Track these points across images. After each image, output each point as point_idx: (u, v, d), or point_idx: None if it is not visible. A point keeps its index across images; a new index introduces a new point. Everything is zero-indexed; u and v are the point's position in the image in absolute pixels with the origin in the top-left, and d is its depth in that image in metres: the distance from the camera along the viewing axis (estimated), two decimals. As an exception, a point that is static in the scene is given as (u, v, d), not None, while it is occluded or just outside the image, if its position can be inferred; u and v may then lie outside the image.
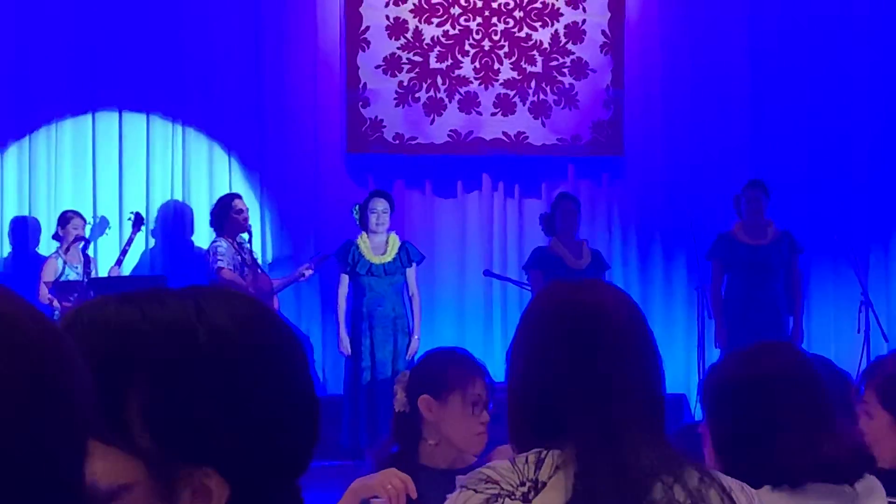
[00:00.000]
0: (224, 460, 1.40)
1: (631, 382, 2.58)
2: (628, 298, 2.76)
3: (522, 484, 2.48)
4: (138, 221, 12.02)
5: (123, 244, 12.04)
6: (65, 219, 11.80)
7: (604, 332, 2.61)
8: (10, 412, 1.13)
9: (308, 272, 11.72)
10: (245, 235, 11.49)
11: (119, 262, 11.85)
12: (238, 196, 11.82)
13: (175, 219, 12.63)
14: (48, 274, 11.67)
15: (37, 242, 12.35)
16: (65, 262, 11.68)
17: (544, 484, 2.47)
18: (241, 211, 11.51)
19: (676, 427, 6.37)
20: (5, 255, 12.46)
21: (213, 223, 11.62)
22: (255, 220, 12.02)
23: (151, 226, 12.46)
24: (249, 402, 1.42)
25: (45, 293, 11.56)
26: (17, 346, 1.16)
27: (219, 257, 11.47)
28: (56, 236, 11.84)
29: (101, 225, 12.39)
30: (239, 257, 11.44)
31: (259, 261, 11.77)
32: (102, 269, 11.92)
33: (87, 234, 11.95)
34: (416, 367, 4.68)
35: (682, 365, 11.72)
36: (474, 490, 2.51)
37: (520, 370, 2.68)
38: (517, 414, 2.67)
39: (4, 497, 1.12)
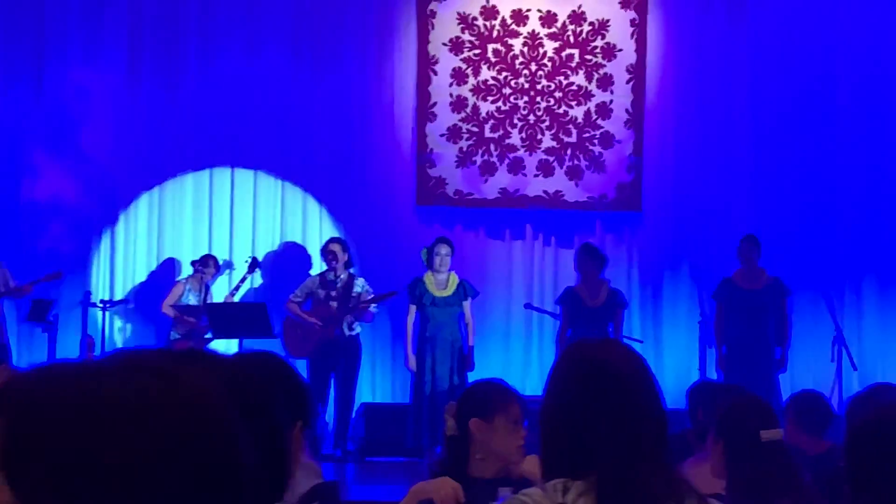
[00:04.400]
0: None
1: (639, 423, 2.61)
2: (634, 354, 2.81)
3: None
4: (254, 264, 12.25)
5: (237, 281, 12.24)
6: (205, 261, 12.09)
7: (614, 383, 2.63)
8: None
9: (368, 308, 11.70)
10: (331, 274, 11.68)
11: (232, 294, 12.11)
12: (330, 240, 11.95)
13: (275, 258, 12.75)
14: (174, 295, 11.96)
15: (165, 274, 12.54)
16: (189, 289, 11.97)
17: None
18: (329, 252, 11.73)
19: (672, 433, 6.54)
20: (138, 283, 12.66)
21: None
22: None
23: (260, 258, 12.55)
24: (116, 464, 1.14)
25: (167, 309, 11.91)
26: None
27: (295, 292, 11.80)
28: (193, 264, 12.08)
29: (225, 267, 12.58)
30: (320, 290, 11.72)
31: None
32: (217, 298, 12.18)
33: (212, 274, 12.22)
34: (463, 396, 4.59)
35: (684, 384, 11.45)
36: None
37: (548, 416, 2.71)
38: (548, 450, 2.70)
39: None
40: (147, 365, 1.22)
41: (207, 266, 12.07)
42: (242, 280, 12.21)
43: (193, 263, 12.16)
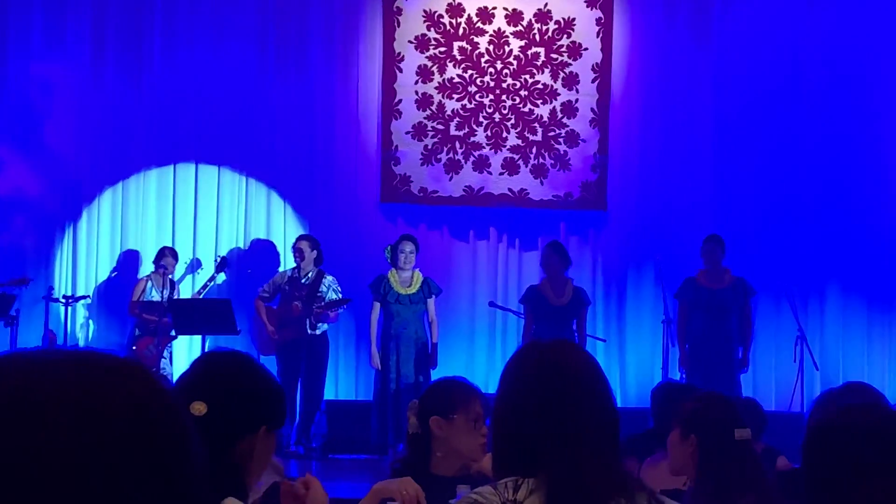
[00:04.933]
0: None
1: (589, 423, 2.60)
2: (586, 354, 2.81)
3: (504, 503, 2.52)
4: (222, 264, 12.20)
5: (205, 280, 12.19)
6: (161, 254, 11.96)
7: (565, 384, 2.63)
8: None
9: (332, 313, 11.66)
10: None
11: (198, 294, 12.03)
12: (299, 238, 11.93)
13: (241, 255, 12.69)
14: (136, 292, 11.88)
15: (128, 269, 12.46)
16: (152, 285, 11.88)
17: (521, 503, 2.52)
18: (297, 249, 11.73)
19: (634, 434, 6.47)
20: (102, 279, 12.57)
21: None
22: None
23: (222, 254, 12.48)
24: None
25: (132, 308, 11.84)
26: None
27: (264, 286, 11.79)
28: (155, 262, 12.00)
29: (194, 265, 12.53)
30: (287, 287, 11.67)
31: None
32: (185, 294, 12.12)
33: (178, 274, 12.11)
34: (425, 394, 4.59)
35: (647, 383, 11.40)
36: None
37: (500, 414, 2.72)
38: (499, 448, 2.70)
39: None
40: (95, 359, 1.16)
41: (164, 257, 11.93)
42: (211, 279, 12.15)
43: (154, 263, 12.07)
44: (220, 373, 2.81)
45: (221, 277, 12.41)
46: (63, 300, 11.98)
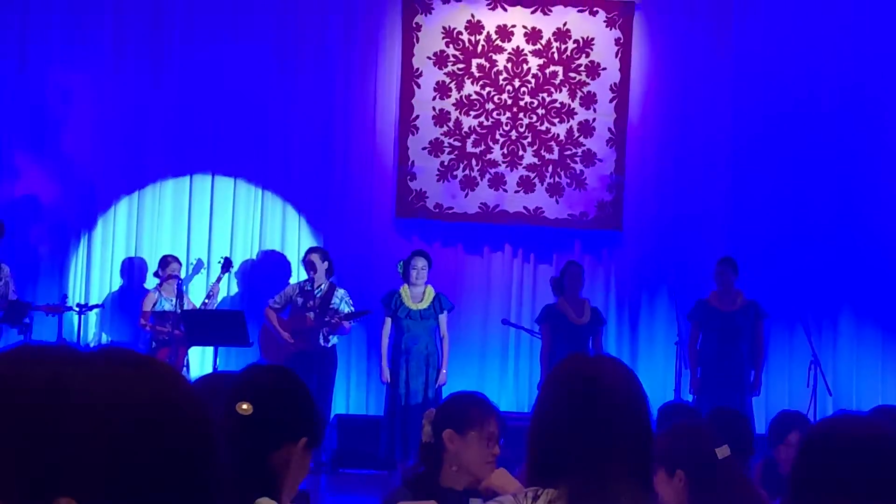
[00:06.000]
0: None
1: (621, 440, 2.58)
2: (628, 373, 2.78)
3: None
4: (227, 265, 12.15)
5: (212, 283, 12.18)
6: (165, 262, 11.92)
7: (600, 399, 2.62)
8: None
9: (347, 324, 11.67)
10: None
11: (209, 296, 12.01)
12: (310, 250, 11.89)
13: (254, 266, 12.67)
14: (147, 305, 11.84)
15: (143, 279, 12.42)
16: (162, 296, 11.84)
17: None
18: (309, 262, 11.68)
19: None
20: (116, 288, 12.54)
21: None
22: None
23: (235, 268, 12.47)
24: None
25: (144, 321, 11.82)
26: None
27: (275, 297, 11.77)
28: (156, 274, 11.98)
29: (197, 266, 12.51)
30: (299, 299, 11.66)
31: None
32: (195, 301, 12.07)
33: (183, 274, 12.08)
34: (442, 405, 4.57)
35: (659, 405, 11.30)
36: None
37: (535, 424, 2.72)
38: (531, 457, 2.70)
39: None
40: (126, 357, 1.19)
41: (170, 265, 11.88)
42: (218, 280, 12.11)
43: (155, 274, 12.02)
44: (268, 379, 2.90)
45: (232, 286, 12.39)
46: (77, 308, 11.97)
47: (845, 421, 2.95)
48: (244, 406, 2.61)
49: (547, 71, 12.92)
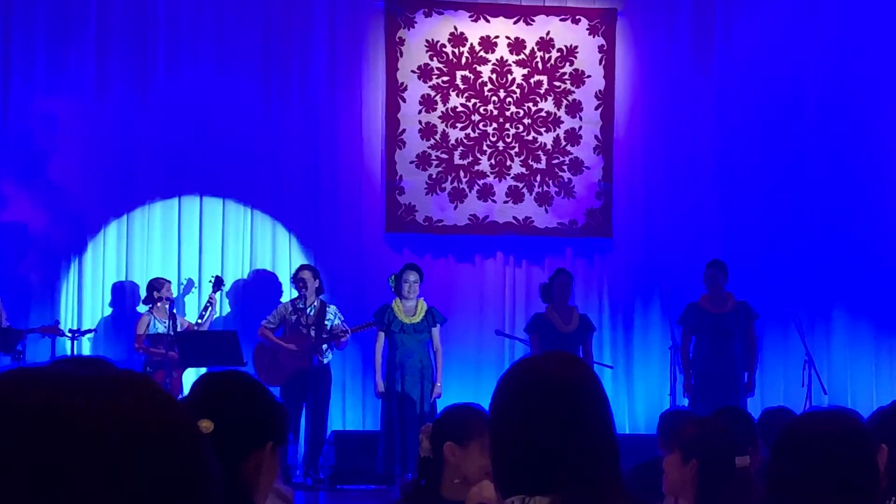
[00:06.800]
0: None
1: (592, 438, 2.52)
2: (589, 371, 2.69)
3: None
4: (218, 283, 12.10)
5: (204, 303, 12.13)
6: (158, 284, 11.88)
7: (562, 396, 2.54)
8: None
9: (345, 337, 11.65)
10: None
11: (201, 317, 11.97)
12: (301, 267, 11.90)
13: (245, 286, 12.65)
14: (140, 328, 11.80)
15: (135, 302, 12.33)
16: (155, 318, 11.83)
17: None
18: (300, 280, 11.67)
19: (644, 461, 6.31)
20: (108, 312, 12.48)
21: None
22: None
23: (227, 288, 12.44)
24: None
25: (138, 344, 11.80)
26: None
27: (268, 318, 11.76)
28: (146, 301, 11.95)
29: (188, 286, 12.48)
30: (293, 318, 11.65)
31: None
32: (190, 317, 12.05)
33: (175, 294, 12.08)
34: (439, 419, 4.51)
35: (656, 410, 11.32)
36: None
37: (499, 432, 2.62)
38: (502, 467, 2.59)
39: None
40: (114, 374, 1.16)
41: (162, 288, 11.84)
42: (210, 300, 12.08)
43: (145, 302, 11.99)
44: (224, 391, 2.81)
45: (224, 306, 12.37)
46: (69, 334, 11.93)
47: (811, 419, 3.07)
48: (204, 424, 2.55)
49: (532, 80, 12.93)
